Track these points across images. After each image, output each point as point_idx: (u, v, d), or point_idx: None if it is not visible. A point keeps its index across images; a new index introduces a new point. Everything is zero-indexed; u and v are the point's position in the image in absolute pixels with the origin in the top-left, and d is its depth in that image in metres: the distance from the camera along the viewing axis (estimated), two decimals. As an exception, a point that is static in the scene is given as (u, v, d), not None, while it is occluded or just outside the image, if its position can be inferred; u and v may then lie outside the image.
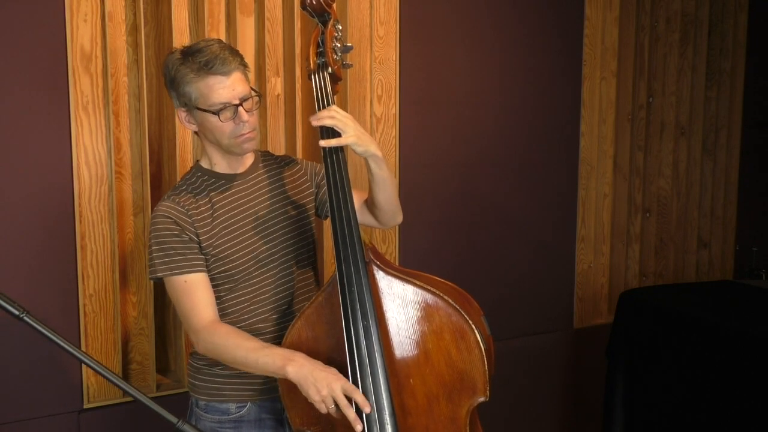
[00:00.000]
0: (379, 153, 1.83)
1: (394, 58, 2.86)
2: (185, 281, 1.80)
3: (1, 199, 2.28)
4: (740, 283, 3.42)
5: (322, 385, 1.65)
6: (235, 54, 1.80)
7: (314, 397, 1.65)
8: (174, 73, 1.79)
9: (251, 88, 1.83)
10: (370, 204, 1.97)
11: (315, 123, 1.81)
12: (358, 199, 1.96)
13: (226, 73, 1.76)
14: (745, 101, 3.79)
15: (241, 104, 1.78)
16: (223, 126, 1.79)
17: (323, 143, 1.80)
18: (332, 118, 1.78)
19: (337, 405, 1.66)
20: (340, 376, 1.68)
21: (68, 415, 2.40)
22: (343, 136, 1.78)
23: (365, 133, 1.83)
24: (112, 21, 2.36)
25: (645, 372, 2.95)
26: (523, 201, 3.25)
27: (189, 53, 1.78)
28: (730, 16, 3.72)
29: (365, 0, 2.78)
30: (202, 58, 1.75)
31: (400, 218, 2.05)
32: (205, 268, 1.83)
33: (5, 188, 2.28)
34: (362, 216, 1.98)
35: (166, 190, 2.52)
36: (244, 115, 1.78)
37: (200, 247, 1.82)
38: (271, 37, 2.62)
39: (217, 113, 1.77)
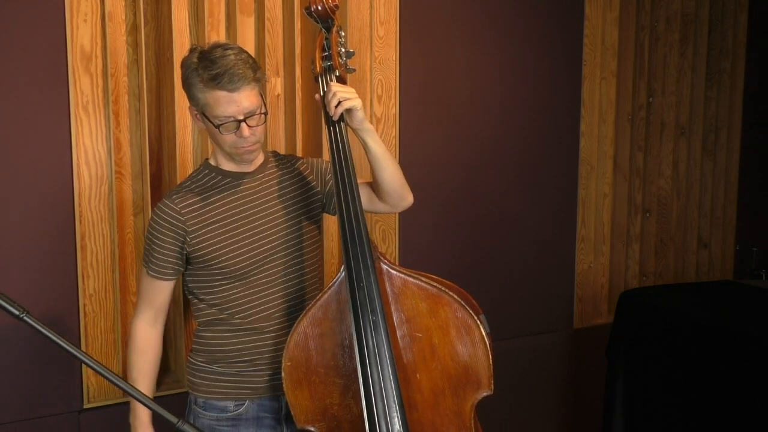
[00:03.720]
0: (372, 128, 1.89)
1: (394, 58, 2.86)
2: (153, 281, 1.90)
3: (1, 199, 2.28)
4: (740, 283, 3.42)
5: None
6: (249, 67, 1.77)
7: None
8: (186, 76, 1.80)
9: (263, 102, 1.82)
10: (376, 188, 1.98)
11: (336, 113, 1.84)
12: (363, 188, 1.96)
13: (233, 90, 1.74)
14: (745, 101, 3.79)
15: (245, 120, 1.77)
16: (224, 137, 1.80)
17: (336, 112, 1.83)
18: (340, 104, 1.82)
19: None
20: None
21: (68, 415, 2.40)
22: (350, 100, 1.82)
23: None
24: (112, 21, 2.36)
25: (645, 372, 2.95)
26: (523, 201, 3.25)
27: (204, 59, 1.76)
28: (730, 16, 3.72)
29: (365, 0, 2.78)
30: (213, 70, 1.73)
31: (410, 198, 2.04)
32: (172, 277, 1.90)
33: (5, 188, 2.28)
34: (371, 204, 1.99)
35: (166, 190, 2.53)
36: (246, 131, 1.78)
37: (187, 249, 1.86)
38: (271, 37, 2.62)
39: (218, 126, 1.77)
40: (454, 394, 1.77)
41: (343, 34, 1.91)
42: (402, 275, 1.81)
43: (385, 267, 1.81)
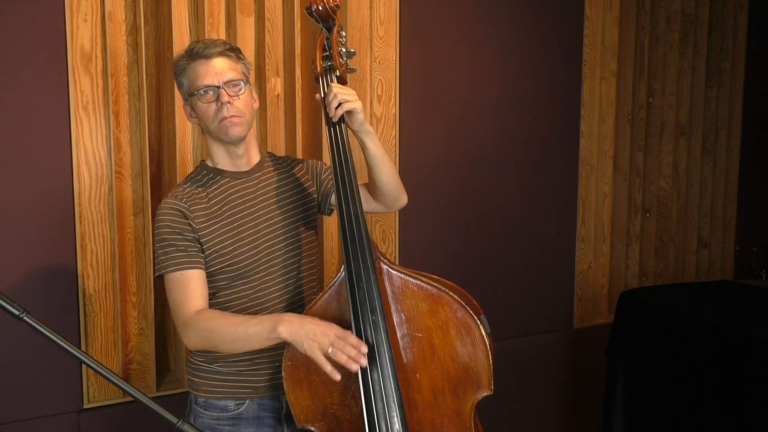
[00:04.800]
0: (372, 129, 1.91)
1: (394, 58, 2.86)
2: (181, 274, 1.82)
3: (1, 199, 2.28)
4: (740, 283, 3.42)
5: (316, 335, 1.65)
6: (225, 44, 1.87)
7: (309, 348, 1.64)
8: (174, 67, 1.89)
9: (246, 79, 1.88)
10: (372, 189, 2.01)
11: (336, 118, 1.84)
12: (360, 189, 1.97)
13: (208, 57, 1.82)
14: (745, 101, 3.80)
15: (222, 87, 1.83)
16: (207, 109, 1.84)
17: (337, 114, 1.83)
18: (340, 106, 1.82)
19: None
20: (333, 325, 1.68)
21: (68, 415, 2.40)
22: (352, 101, 1.83)
23: None
24: (112, 21, 2.37)
25: (645, 372, 2.95)
26: (523, 201, 3.25)
27: (188, 48, 1.87)
28: (730, 16, 3.72)
29: (365, 0, 2.78)
30: (193, 47, 1.85)
31: (404, 199, 2.07)
32: (203, 266, 1.84)
33: (5, 188, 2.28)
34: (366, 204, 2.02)
35: (166, 190, 2.54)
36: (224, 96, 1.82)
37: (200, 243, 1.84)
38: (271, 37, 2.62)
39: (199, 95, 1.83)
40: (454, 394, 1.77)
41: (344, 34, 1.92)
42: (402, 275, 1.81)
43: (385, 267, 1.81)
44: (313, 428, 1.80)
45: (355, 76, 2.78)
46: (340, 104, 1.82)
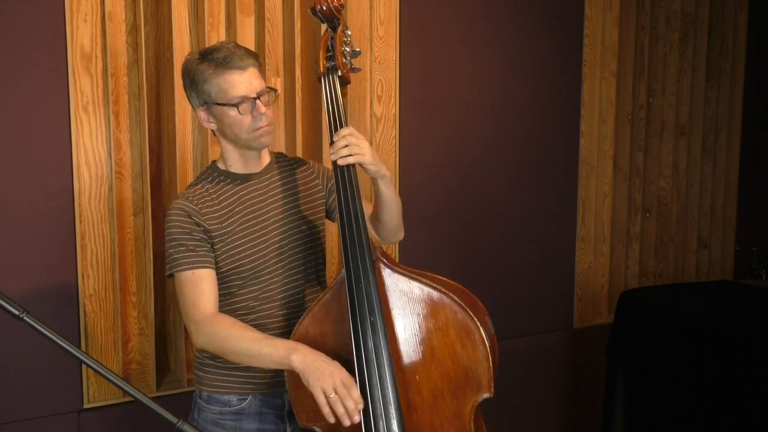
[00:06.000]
0: (388, 174, 1.88)
1: (394, 58, 2.86)
2: (192, 274, 1.83)
3: (1, 199, 2.28)
4: (740, 283, 3.42)
5: (324, 375, 1.67)
6: (250, 53, 1.86)
7: (314, 386, 1.66)
8: (194, 73, 1.84)
9: (267, 86, 1.88)
10: (374, 219, 2.02)
11: (341, 162, 1.79)
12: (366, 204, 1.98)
13: (243, 68, 1.81)
14: (745, 101, 3.80)
15: (258, 98, 1.83)
16: (242, 119, 1.83)
17: (341, 162, 1.79)
18: (352, 155, 1.78)
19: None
20: (342, 369, 1.70)
21: (68, 415, 2.40)
22: (360, 155, 1.79)
23: (377, 154, 1.87)
24: (112, 21, 2.37)
25: (645, 372, 2.95)
26: (523, 201, 3.25)
27: (206, 53, 1.84)
28: (730, 16, 3.72)
29: (365, 0, 2.78)
30: (219, 54, 1.81)
31: (401, 235, 2.09)
32: (213, 266, 1.85)
33: (5, 188, 2.28)
34: None
35: (166, 190, 2.54)
36: (262, 107, 1.83)
37: (211, 244, 1.85)
38: (271, 37, 2.62)
39: (236, 105, 1.81)
40: (454, 396, 1.77)
41: (349, 33, 1.91)
42: (402, 276, 1.80)
43: (385, 267, 1.80)
44: (315, 427, 1.80)
45: (355, 76, 2.77)
46: (350, 155, 1.78)
